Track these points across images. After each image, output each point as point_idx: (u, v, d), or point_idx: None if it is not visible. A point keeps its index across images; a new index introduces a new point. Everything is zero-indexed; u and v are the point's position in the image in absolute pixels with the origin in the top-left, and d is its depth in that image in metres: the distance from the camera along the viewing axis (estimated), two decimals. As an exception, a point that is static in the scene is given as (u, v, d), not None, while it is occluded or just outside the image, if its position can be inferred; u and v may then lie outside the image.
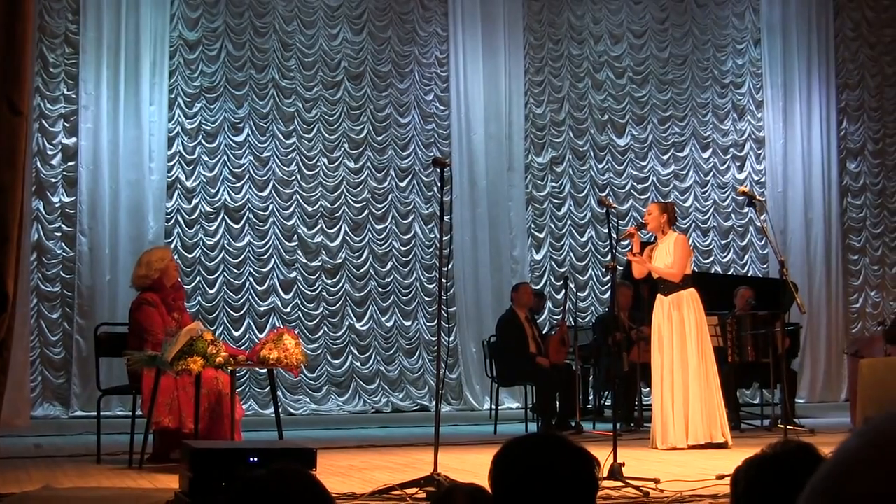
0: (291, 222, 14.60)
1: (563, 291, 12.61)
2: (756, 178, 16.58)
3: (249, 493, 2.16)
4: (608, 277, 14.87)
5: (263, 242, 14.48)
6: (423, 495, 6.09)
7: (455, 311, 14.87)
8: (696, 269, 10.05)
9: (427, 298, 14.97)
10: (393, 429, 12.02)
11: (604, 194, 15.03)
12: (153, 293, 8.20)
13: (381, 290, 14.90)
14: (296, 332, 9.55)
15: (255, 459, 5.59)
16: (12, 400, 12.25)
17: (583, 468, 2.36)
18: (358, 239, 14.86)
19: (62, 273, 13.60)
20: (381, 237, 14.95)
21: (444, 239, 7.22)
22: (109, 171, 13.68)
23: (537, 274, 15.55)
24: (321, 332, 14.60)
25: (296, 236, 14.62)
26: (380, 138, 15.03)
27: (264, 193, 14.52)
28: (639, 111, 16.24)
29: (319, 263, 14.69)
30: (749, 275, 15.99)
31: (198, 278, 14.15)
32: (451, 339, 14.73)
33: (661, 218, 9.59)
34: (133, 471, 7.61)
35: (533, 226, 15.66)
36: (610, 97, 16.15)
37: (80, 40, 13.76)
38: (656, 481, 6.49)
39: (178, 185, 14.18)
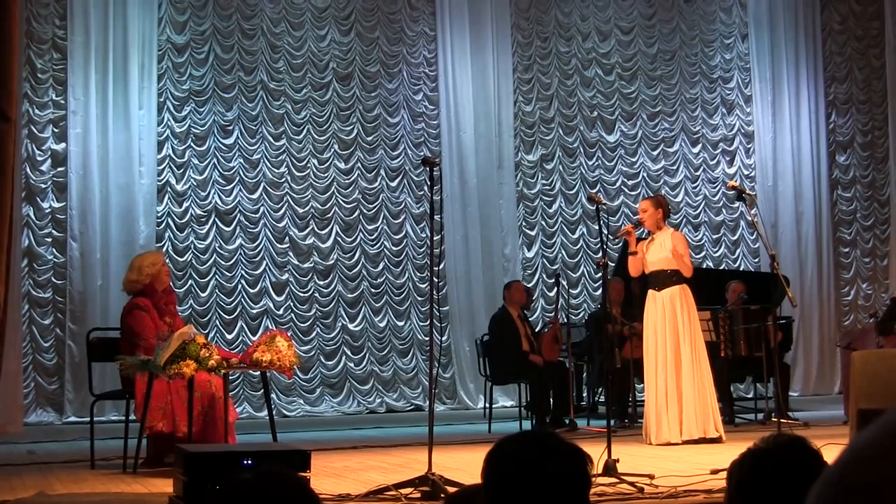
0: (282, 224, 14.59)
1: (556, 289, 12.61)
2: (746, 172, 16.61)
3: (238, 496, 2.16)
4: (600, 274, 14.88)
5: (255, 245, 14.46)
6: (419, 495, 6.09)
7: (448, 310, 14.86)
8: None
9: (419, 298, 14.97)
10: (387, 429, 12.02)
11: (594, 191, 15.05)
12: (145, 298, 8.19)
13: (373, 290, 14.90)
14: (288, 333, 9.56)
15: (250, 462, 5.59)
16: (5, 407, 12.29)
17: (575, 465, 2.36)
18: (349, 240, 14.86)
19: (53, 279, 13.58)
20: (372, 237, 14.94)
21: (435, 238, 7.21)
22: (99, 175, 13.66)
23: (529, 272, 15.55)
24: (314, 333, 14.59)
25: (287, 238, 14.61)
26: (369, 138, 15.03)
27: (255, 196, 14.51)
28: (628, 107, 16.25)
29: (311, 265, 14.68)
30: (740, 269, 16.01)
31: (189, 282, 14.14)
32: (445, 338, 14.73)
33: (656, 214, 9.58)
34: (127, 475, 7.60)
35: (524, 223, 15.67)
36: (599, 94, 16.16)
37: (68, 45, 13.74)
38: (651, 477, 6.50)
39: (169, 189, 14.17)
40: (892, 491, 1.12)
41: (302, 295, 14.61)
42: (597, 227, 11.28)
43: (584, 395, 13.24)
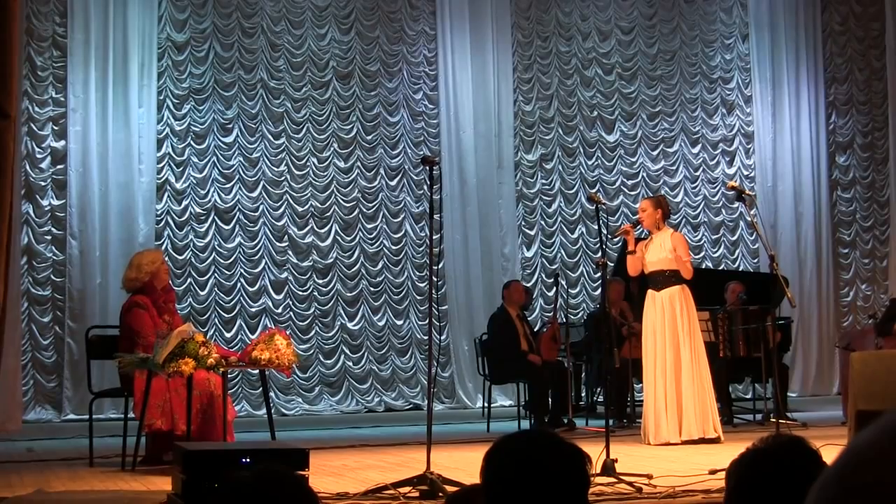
0: (282, 223, 14.59)
1: (555, 288, 12.61)
2: (746, 172, 16.61)
3: (236, 494, 2.16)
4: (599, 274, 14.87)
5: (254, 243, 14.46)
6: (417, 494, 6.09)
7: (447, 309, 14.86)
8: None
9: (419, 297, 14.97)
10: (386, 428, 12.01)
11: (594, 191, 15.04)
12: (144, 296, 8.19)
13: (372, 289, 14.89)
14: (287, 332, 9.55)
15: (248, 460, 5.59)
16: (4, 404, 12.29)
17: (574, 464, 2.36)
18: (349, 238, 14.85)
19: (53, 276, 13.58)
20: (371, 236, 14.94)
21: (434, 237, 7.21)
22: (99, 173, 13.65)
23: (528, 271, 15.55)
24: (313, 332, 14.59)
25: (286, 237, 14.61)
26: (369, 137, 15.02)
27: (254, 194, 14.51)
28: (628, 107, 16.25)
29: (310, 263, 14.68)
30: (740, 269, 16.00)
31: (189, 280, 14.13)
32: (443, 337, 14.72)
33: (655, 214, 9.57)
34: (126, 473, 7.60)
35: (523, 223, 15.66)
36: (599, 93, 16.15)
37: (68, 43, 13.73)
38: (649, 477, 6.50)
39: (168, 187, 14.16)
40: (891, 492, 1.12)
41: (301, 293, 14.61)
42: (596, 227, 11.28)
43: (583, 394, 13.24)
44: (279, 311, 14.46)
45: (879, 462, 1.14)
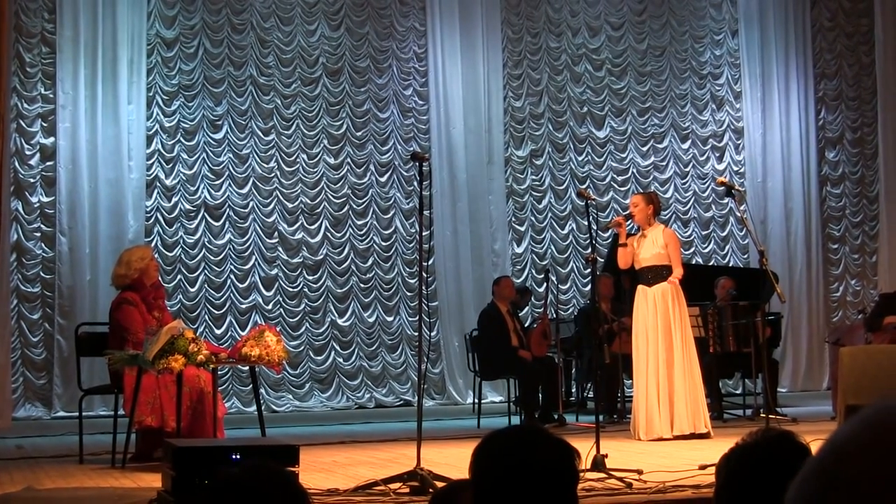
0: (272, 219, 14.57)
1: (545, 284, 12.61)
2: (735, 168, 16.62)
3: (226, 491, 2.16)
4: (589, 269, 14.88)
5: (244, 240, 14.45)
6: (407, 490, 6.09)
7: (437, 305, 14.85)
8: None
9: (409, 293, 14.96)
10: (376, 424, 12.02)
11: (584, 187, 15.05)
12: (133, 292, 8.17)
13: (362, 285, 14.89)
14: (277, 328, 9.53)
15: (238, 457, 5.58)
16: (-7, 401, 12.25)
17: (563, 459, 2.36)
18: (339, 235, 14.84)
19: (42, 273, 13.55)
20: (361, 233, 14.93)
21: (424, 233, 7.20)
22: (88, 170, 13.63)
23: (518, 267, 15.56)
24: (303, 328, 14.58)
25: (276, 233, 14.59)
26: (359, 134, 15.01)
27: (244, 190, 14.49)
28: (618, 103, 16.26)
29: (300, 260, 14.67)
30: (730, 265, 16.02)
31: (178, 276, 14.11)
32: (434, 333, 14.71)
33: (647, 210, 9.59)
34: (116, 470, 7.59)
35: (513, 219, 15.67)
36: (589, 89, 16.15)
37: (57, 39, 13.70)
38: (639, 472, 6.50)
39: (158, 184, 14.14)
40: (871, 486, 1.12)
41: (291, 290, 14.60)
42: (586, 223, 11.28)
43: (573, 390, 13.25)
44: (269, 307, 14.45)
45: (860, 456, 1.14)
